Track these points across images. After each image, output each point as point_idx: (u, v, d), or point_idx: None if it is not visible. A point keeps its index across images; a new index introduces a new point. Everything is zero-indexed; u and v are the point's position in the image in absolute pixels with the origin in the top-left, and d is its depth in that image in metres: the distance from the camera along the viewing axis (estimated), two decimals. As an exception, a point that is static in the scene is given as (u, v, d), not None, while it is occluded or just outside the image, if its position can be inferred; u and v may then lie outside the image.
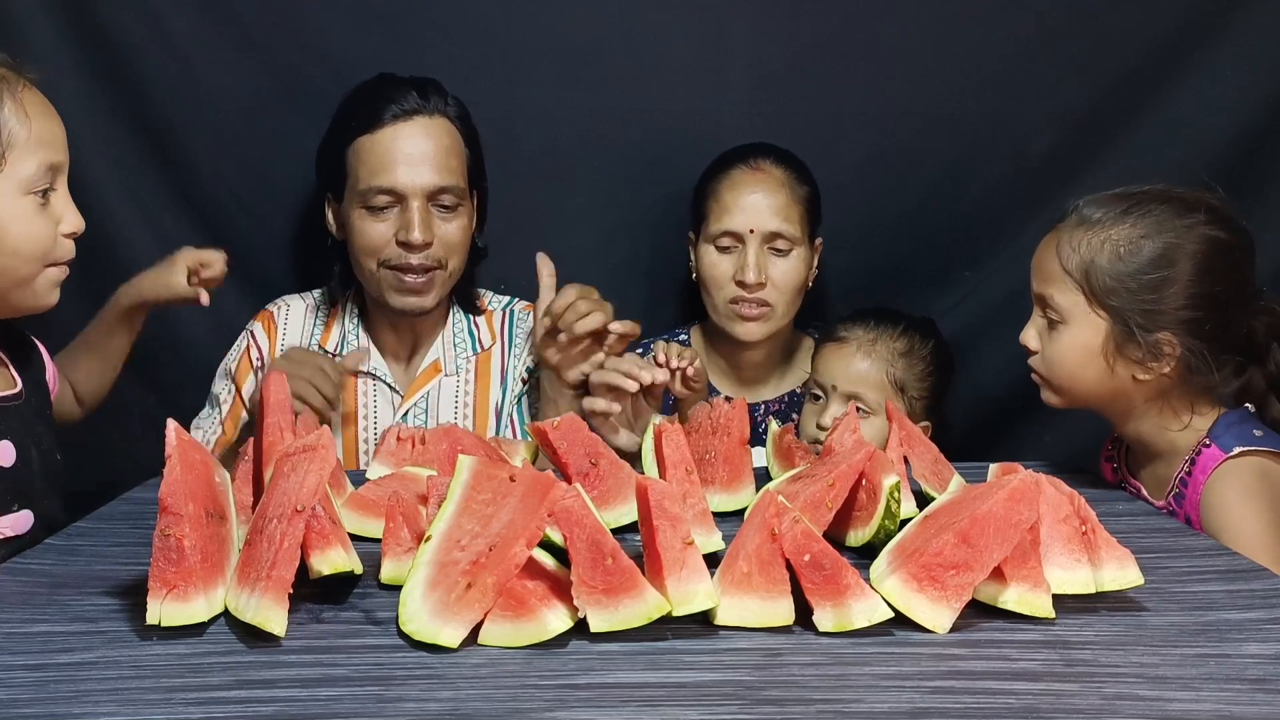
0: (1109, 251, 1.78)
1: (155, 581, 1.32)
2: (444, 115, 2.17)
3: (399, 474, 1.77)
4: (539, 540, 1.36)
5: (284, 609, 1.30)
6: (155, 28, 2.32)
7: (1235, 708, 1.20)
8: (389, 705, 1.19)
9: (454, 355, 2.29)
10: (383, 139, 2.13)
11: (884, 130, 2.46)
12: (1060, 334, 1.82)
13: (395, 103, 2.14)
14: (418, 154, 2.13)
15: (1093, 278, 1.78)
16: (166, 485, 1.36)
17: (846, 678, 1.25)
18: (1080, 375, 1.82)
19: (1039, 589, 1.40)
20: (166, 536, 1.34)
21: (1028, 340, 1.88)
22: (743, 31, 2.42)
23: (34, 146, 1.53)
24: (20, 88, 1.53)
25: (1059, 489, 1.50)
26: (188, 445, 1.42)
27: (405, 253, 2.14)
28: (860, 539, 1.59)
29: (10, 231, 1.51)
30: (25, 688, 1.21)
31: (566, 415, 1.71)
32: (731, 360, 2.40)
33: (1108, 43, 2.41)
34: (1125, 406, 1.85)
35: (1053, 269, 1.82)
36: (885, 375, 2.18)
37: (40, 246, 1.55)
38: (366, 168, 2.14)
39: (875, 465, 1.59)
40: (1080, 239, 1.80)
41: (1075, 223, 1.82)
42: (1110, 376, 1.80)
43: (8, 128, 1.50)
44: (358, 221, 2.16)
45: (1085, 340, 1.80)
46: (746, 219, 2.24)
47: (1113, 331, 1.78)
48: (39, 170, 1.53)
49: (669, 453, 1.61)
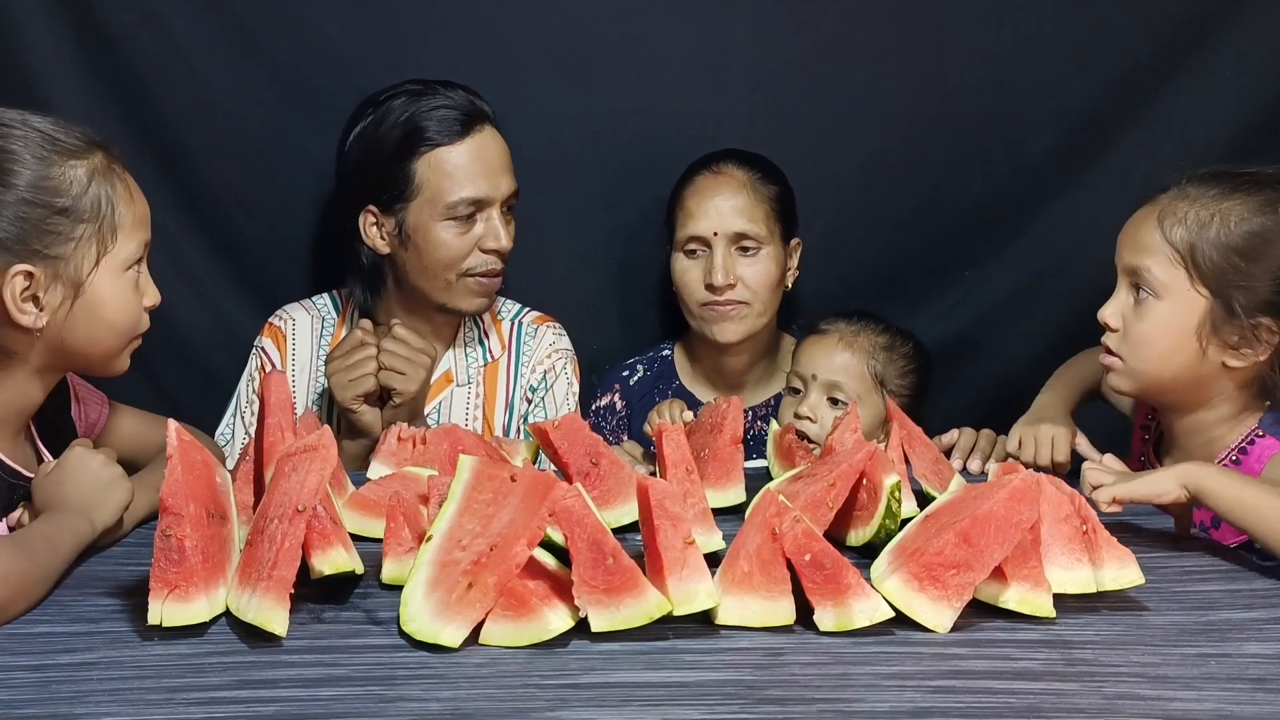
0: (1218, 226, 1.70)
1: (156, 582, 1.33)
2: (491, 119, 2.20)
3: (400, 474, 1.77)
4: (540, 540, 1.36)
5: (285, 609, 1.30)
6: (156, 28, 2.31)
7: (1236, 707, 1.20)
8: (390, 705, 1.19)
9: (465, 364, 2.28)
10: (467, 150, 2.14)
11: (884, 130, 2.45)
12: (1152, 310, 1.73)
13: (464, 112, 2.15)
14: (497, 163, 2.17)
15: (1198, 252, 1.70)
16: (168, 486, 1.36)
17: (848, 677, 1.25)
18: (1168, 357, 1.73)
19: (1039, 588, 1.40)
20: (168, 537, 1.34)
21: (1107, 317, 1.78)
22: (743, 32, 2.42)
23: (137, 226, 1.59)
24: (121, 168, 1.60)
25: (1060, 489, 1.50)
26: (188, 446, 1.42)
27: (490, 260, 2.17)
28: (861, 538, 1.59)
29: (112, 307, 1.58)
30: (26, 688, 1.21)
31: (567, 415, 1.71)
32: (715, 367, 2.40)
33: (1108, 43, 2.41)
34: (1202, 395, 1.77)
35: (1152, 240, 1.73)
36: (866, 367, 2.19)
37: (132, 321, 1.62)
38: (453, 180, 2.13)
39: (876, 464, 1.59)
40: (1186, 211, 1.72)
41: (1179, 195, 1.75)
42: (1200, 360, 1.72)
43: (118, 210, 1.56)
44: (442, 234, 2.15)
45: (1181, 319, 1.71)
46: (709, 223, 2.26)
47: (1211, 311, 1.70)
48: (139, 248, 1.60)
49: (669, 452, 1.61)
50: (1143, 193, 1.86)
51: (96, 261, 1.54)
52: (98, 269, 1.55)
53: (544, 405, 2.30)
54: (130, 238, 1.58)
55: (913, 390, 2.24)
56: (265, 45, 2.35)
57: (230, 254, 2.43)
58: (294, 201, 2.42)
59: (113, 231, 1.55)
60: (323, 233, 2.43)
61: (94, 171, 1.55)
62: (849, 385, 2.17)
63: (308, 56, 2.36)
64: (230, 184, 2.40)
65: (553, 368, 2.30)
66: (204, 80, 2.34)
